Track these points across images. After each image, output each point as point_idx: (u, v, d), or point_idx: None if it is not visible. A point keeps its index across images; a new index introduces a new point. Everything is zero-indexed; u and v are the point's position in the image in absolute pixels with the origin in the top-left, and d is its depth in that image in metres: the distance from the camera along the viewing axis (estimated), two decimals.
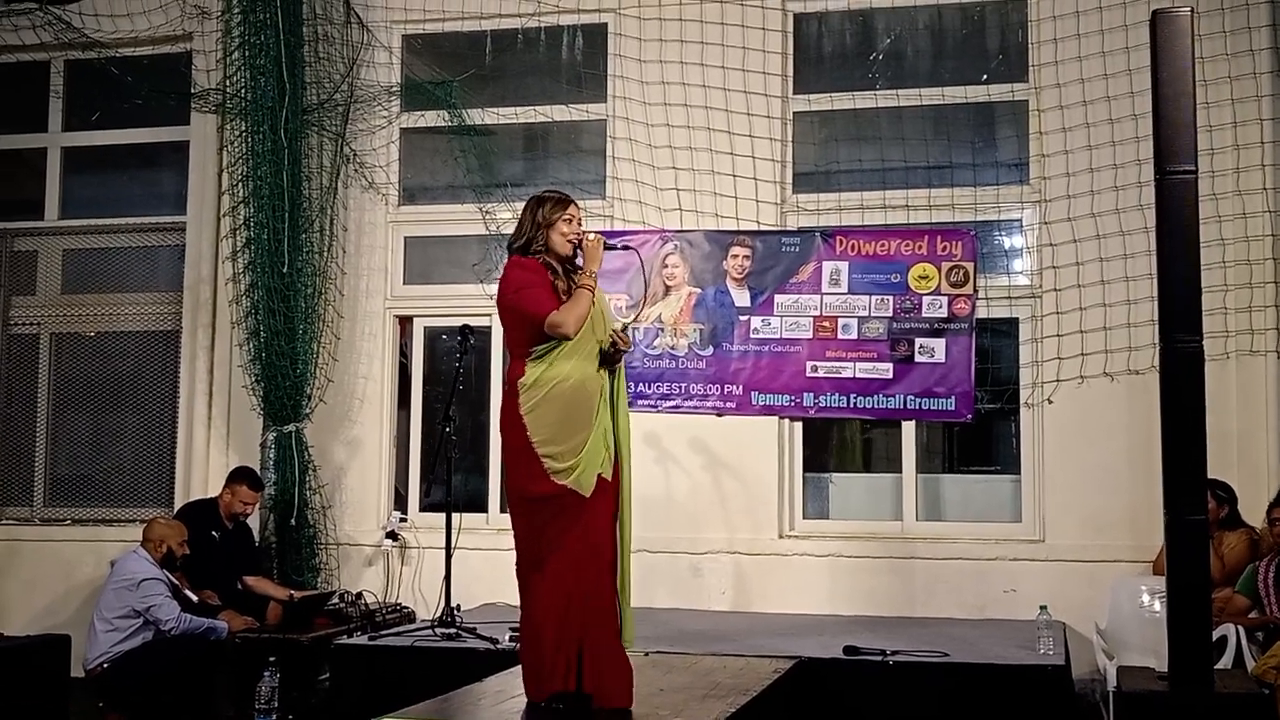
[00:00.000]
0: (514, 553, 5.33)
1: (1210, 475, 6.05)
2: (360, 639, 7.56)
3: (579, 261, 5.35)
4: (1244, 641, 7.00)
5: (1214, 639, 6.84)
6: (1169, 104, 5.87)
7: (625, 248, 6.60)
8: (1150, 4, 7.76)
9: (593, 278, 5.24)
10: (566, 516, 5.13)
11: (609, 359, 5.31)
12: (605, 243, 5.38)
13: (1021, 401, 8.63)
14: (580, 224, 5.39)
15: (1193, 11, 6.08)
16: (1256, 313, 8.22)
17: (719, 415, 8.85)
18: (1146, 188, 6.84)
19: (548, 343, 5.15)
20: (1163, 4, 6.45)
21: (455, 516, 7.90)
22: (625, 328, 5.80)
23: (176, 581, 7.64)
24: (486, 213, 9.36)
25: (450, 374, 8.26)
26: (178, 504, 9.15)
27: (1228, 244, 8.23)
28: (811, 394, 8.81)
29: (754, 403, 8.84)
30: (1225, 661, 6.92)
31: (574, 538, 5.14)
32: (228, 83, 9.28)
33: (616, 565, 5.29)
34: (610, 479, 5.26)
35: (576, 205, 5.43)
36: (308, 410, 9.09)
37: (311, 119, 9.29)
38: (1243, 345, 8.22)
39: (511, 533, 5.32)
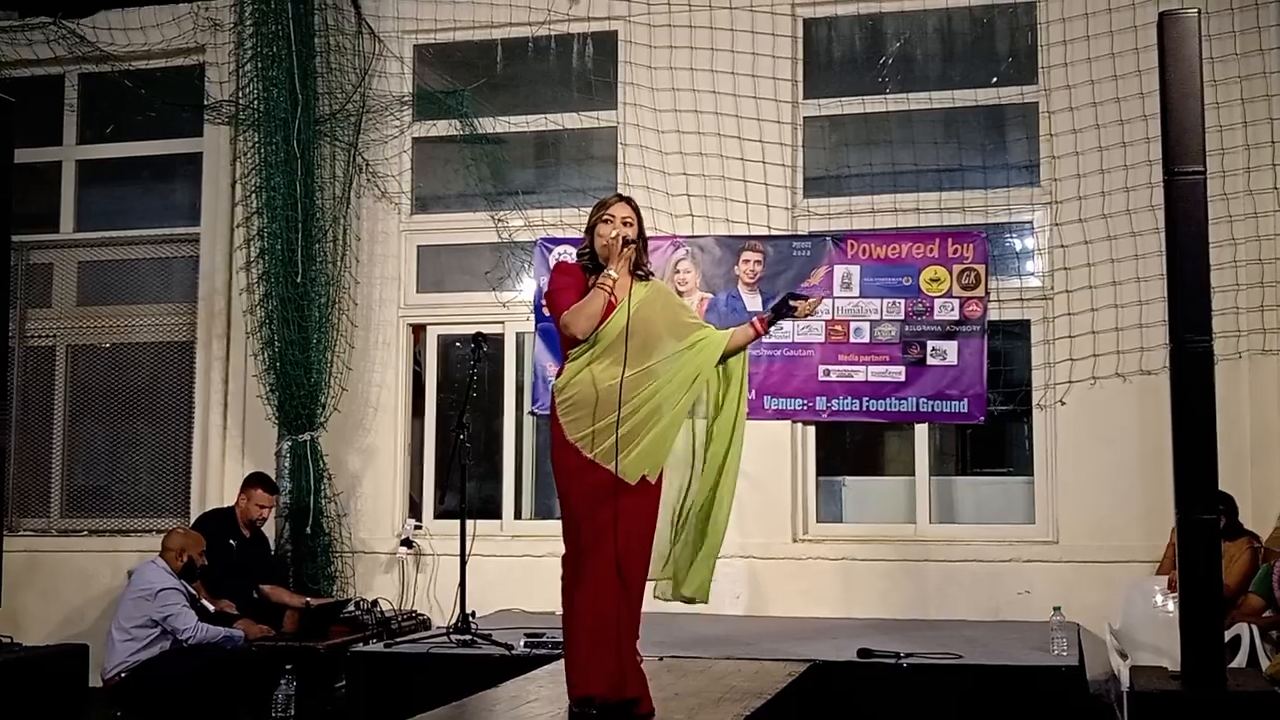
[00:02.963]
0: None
1: (1222, 475, 6.04)
2: (376, 646, 7.59)
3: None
4: (1258, 641, 6.99)
5: (1228, 639, 6.86)
6: (1177, 105, 5.89)
7: (632, 242, 6.55)
8: (1159, 5, 7.76)
9: (609, 279, 5.21)
10: (605, 509, 5.06)
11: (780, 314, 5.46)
12: (624, 239, 5.30)
13: (1034, 403, 8.63)
14: (625, 221, 5.26)
15: (1200, 13, 6.09)
16: (1269, 312, 8.21)
17: None
18: (1157, 188, 6.85)
19: (580, 345, 5.16)
20: (1171, 5, 6.46)
21: (470, 524, 7.93)
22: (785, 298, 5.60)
23: (194, 591, 7.67)
24: (499, 221, 9.40)
25: (464, 382, 8.30)
26: (194, 514, 9.20)
27: (1239, 243, 8.22)
28: (824, 397, 8.82)
29: (767, 407, 8.86)
30: (1239, 661, 6.91)
31: (616, 531, 5.07)
32: (240, 94, 9.37)
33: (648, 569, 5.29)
34: (655, 483, 5.23)
35: (626, 202, 5.33)
36: (322, 419, 9.14)
37: (324, 129, 9.35)
38: (1255, 345, 8.22)
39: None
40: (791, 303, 5.48)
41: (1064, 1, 8.68)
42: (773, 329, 5.70)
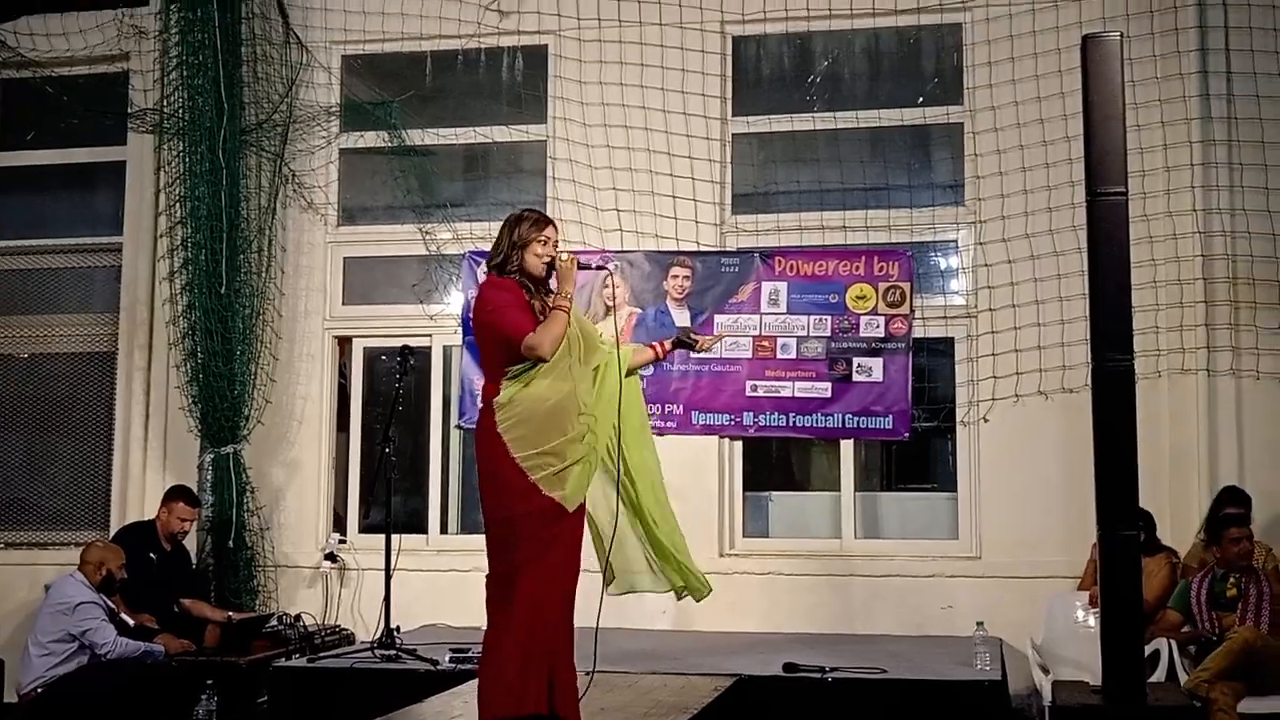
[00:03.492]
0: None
1: (1142, 492, 6.13)
2: (299, 661, 7.53)
3: (552, 283, 5.33)
4: (1176, 656, 7.11)
5: (1147, 654, 6.97)
6: (1099, 127, 5.98)
7: (600, 267, 6.64)
8: (1082, 29, 7.89)
9: (567, 299, 5.20)
10: (548, 530, 5.09)
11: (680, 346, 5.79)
12: (579, 262, 5.36)
13: (958, 420, 8.72)
14: (556, 245, 5.33)
15: (1122, 36, 6.20)
16: (1187, 332, 8.35)
17: (659, 435, 8.78)
18: (1079, 209, 6.93)
19: (524, 363, 5.12)
20: (1094, 30, 6.57)
21: (395, 538, 7.88)
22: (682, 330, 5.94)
23: (114, 605, 7.56)
24: (426, 233, 9.36)
25: (390, 395, 8.25)
26: (114, 527, 9.06)
27: (1159, 264, 8.37)
28: (751, 413, 8.85)
29: (694, 422, 8.88)
30: (1158, 675, 7.02)
31: (553, 552, 5.11)
32: (165, 102, 9.26)
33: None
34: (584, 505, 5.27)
35: (555, 226, 5.37)
36: (246, 431, 9.04)
37: (250, 139, 9.27)
38: (1174, 364, 8.35)
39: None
40: (693, 336, 5.86)
41: (989, 23, 8.79)
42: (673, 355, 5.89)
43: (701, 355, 8.61)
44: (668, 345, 5.78)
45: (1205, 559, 7.54)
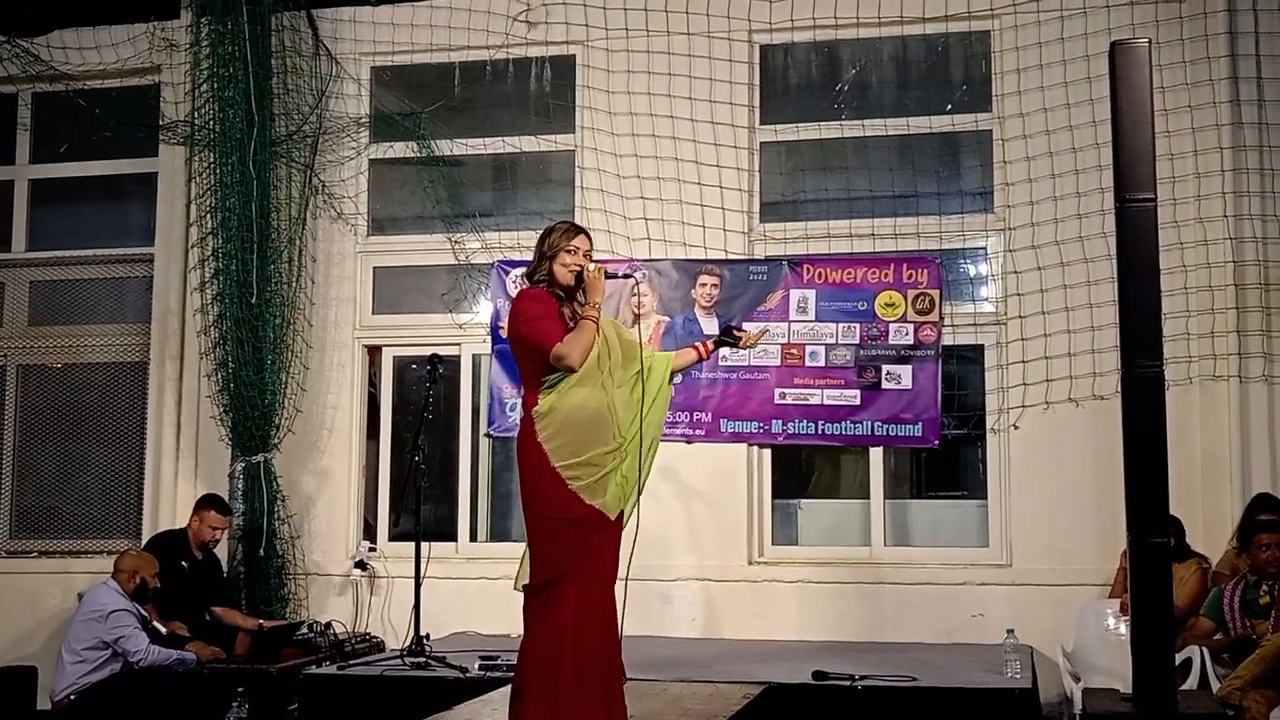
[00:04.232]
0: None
1: (1174, 499, 6.09)
2: (329, 669, 7.56)
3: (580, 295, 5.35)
4: (1209, 663, 7.05)
5: (1179, 661, 6.93)
6: (1128, 133, 5.94)
7: (626, 275, 6.62)
8: (1110, 35, 7.87)
9: (596, 309, 5.23)
10: (589, 539, 5.15)
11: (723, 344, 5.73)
12: (606, 272, 5.38)
13: (988, 427, 8.69)
14: (587, 255, 5.36)
15: (1151, 43, 6.17)
16: (1219, 338, 8.30)
17: (689, 442, 8.87)
18: (1109, 215, 6.91)
19: (558, 373, 5.16)
20: (1122, 36, 6.55)
21: (424, 546, 7.92)
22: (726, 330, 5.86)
23: (146, 613, 7.62)
24: (455, 243, 9.40)
25: (419, 403, 8.28)
26: (145, 536, 9.12)
27: (1190, 270, 8.33)
28: (780, 421, 8.85)
29: (723, 430, 8.88)
30: (1190, 683, 6.96)
31: (595, 561, 5.18)
32: (196, 114, 9.31)
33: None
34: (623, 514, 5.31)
35: (586, 235, 5.40)
36: (276, 440, 9.08)
37: (280, 150, 9.32)
38: (1205, 370, 8.30)
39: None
40: (736, 332, 5.75)
41: (1018, 30, 8.78)
42: (717, 355, 5.85)
43: (740, 355, 8.51)
44: (711, 345, 5.78)
45: (1238, 566, 7.49)
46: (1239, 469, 8.16)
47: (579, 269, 5.31)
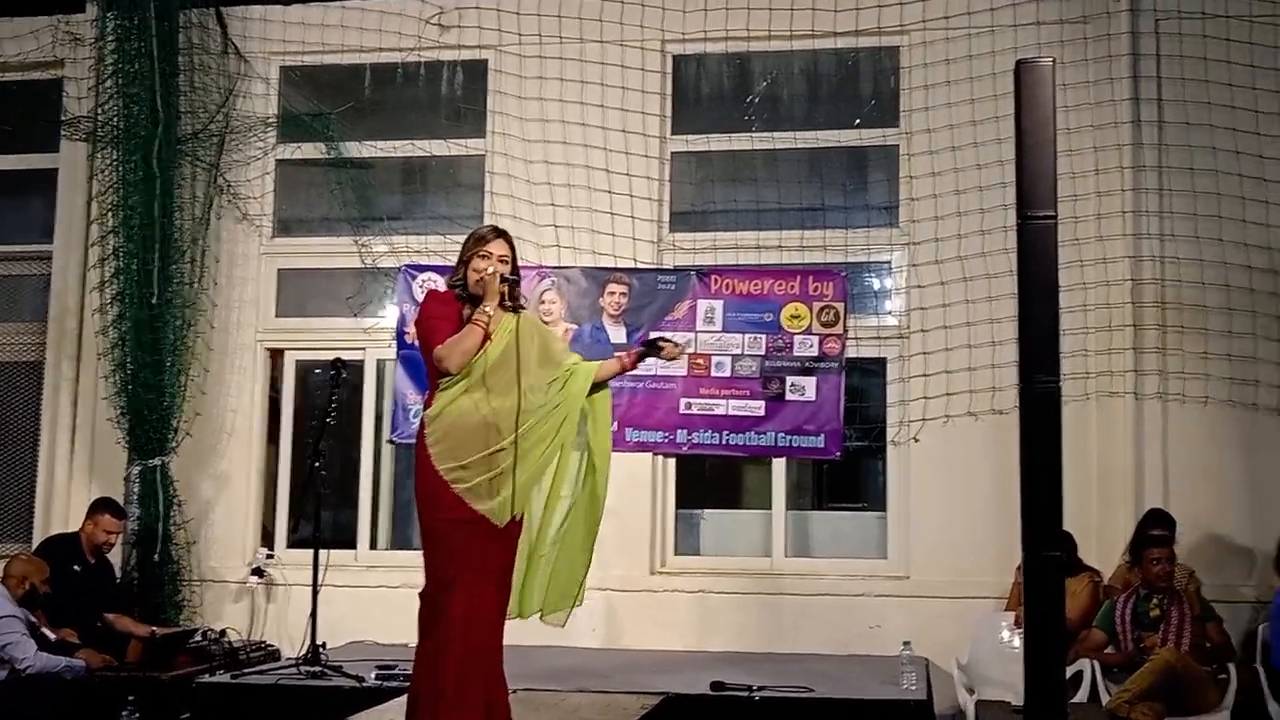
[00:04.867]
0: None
1: (1070, 513, 6.16)
2: (223, 677, 7.43)
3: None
4: (1099, 676, 7.16)
5: (1071, 674, 7.02)
6: (1030, 151, 5.99)
7: (515, 282, 6.52)
8: (1016, 54, 7.96)
9: (484, 314, 5.20)
10: (479, 546, 5.10)
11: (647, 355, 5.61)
12: (501, 276, 5.34)
13: (889, 440, 8.76)
14: (502, 259, 5.29)
15: (1055, 62, 6.24)
16: (1116, 355, 8.43)
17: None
18: (1011, 232, 6.97)
19: (453, 377, 5.14)
20: (1028, 54, 6.63)
21: (323, 553, 7.81)
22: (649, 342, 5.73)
23: (35, 619, 7.45)
24: (362, 246, 9.31)
25: (321, 409, 8.19)
26: (37, 540, 8.92)
27: (1089, 288, 8.45)
28: (685, 430, 8.86)
29: (628, 439, 8.86)
30: (1081, 696, 7.07)
31: (486, 569, 5.12)
32: (100, 110, 9.15)
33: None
34: (519, 521, 5.27)
35: (505, 240, 5.35)
36: (174, 444, 8.93)
37: (185, 149, 9.19)
38: (1103, 387, 8.43)
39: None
40: (660, 344, 5.65)
41: (926, 47, 8.87)
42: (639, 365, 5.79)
43: (646, 364, 8.49)
44: (636, 354, 5.66)
45: (1130, 579, 7.61)
46: (1133, 484, 8.29)
47: (483, 275, 5.29)
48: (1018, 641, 6.84)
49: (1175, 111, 8.52)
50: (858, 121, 9.15)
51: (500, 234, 5.39)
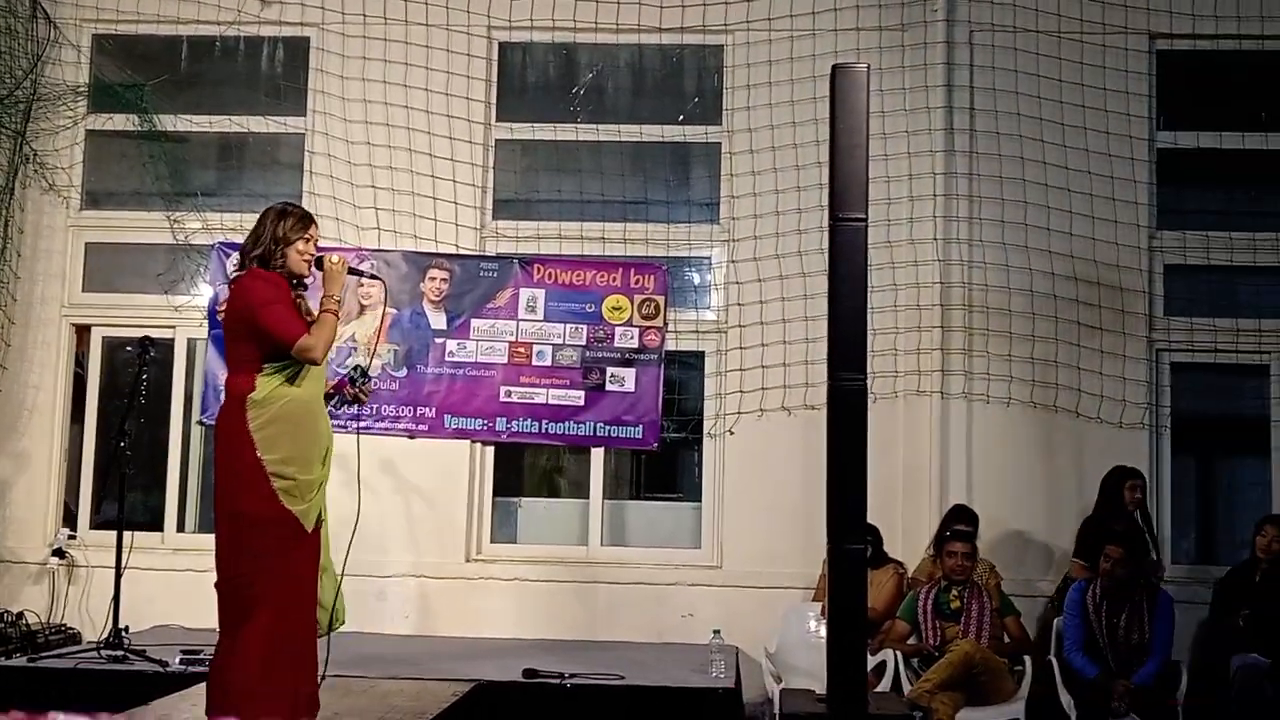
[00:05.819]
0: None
1: (876, 507, 6.36)
2: (19, 660, 7.27)
3: (308, 281, 5.25)
4: (901, 666, 7.40)
5: (876, 664, 7.24)
6: (844, 153, 6.15)
7: (373, 277, 6.47)
8: (836, 58, 8.14)
9: (336, 302, 5.14)
10: (287, 545, 5.01)
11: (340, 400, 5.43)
12: (350, 267, 5.29)
13: (705, 432, 8.91)
14: (317, 245, 5.28)
15: (870, 68, 6.41)
16: (924, 355, 8.71)
17: (411, 438, 8.77)
18: (826, 232, 7.16)
19: (283, 360, 5.03)
20: (847, 59, 6.80)
21: (128, 535, 7.63)
22: (360, 369, 5.59)
23: None
24: (175, 222, 9.09)
25: (129, 387, 7.98)
26: None
27: (900, 289, 8.71)
28: (504, 419, 8.82)
29: (447, 426, 8.80)
30: (885, 685, 7.29)
31: (294, 564, 5.04)
32: None
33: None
34: (318, 530, 5.21)
35: (316, 226, 5.32)
36: None
37: None
38: (910, 386, 8.70)
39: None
40: (363, 391, 5.56)
41: (749, 47, 9.02)
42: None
43: (466, 350, 8.49)
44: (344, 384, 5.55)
45: (933, 572, 7.87)
46: (938, 480, 8.58)
47: (314, 259, 5.22)
48: (824, 631, 7.01)
49: (986, 121, 8.83)
50: (681, 118, 9.26)
51: (313, 218, 5.35)
